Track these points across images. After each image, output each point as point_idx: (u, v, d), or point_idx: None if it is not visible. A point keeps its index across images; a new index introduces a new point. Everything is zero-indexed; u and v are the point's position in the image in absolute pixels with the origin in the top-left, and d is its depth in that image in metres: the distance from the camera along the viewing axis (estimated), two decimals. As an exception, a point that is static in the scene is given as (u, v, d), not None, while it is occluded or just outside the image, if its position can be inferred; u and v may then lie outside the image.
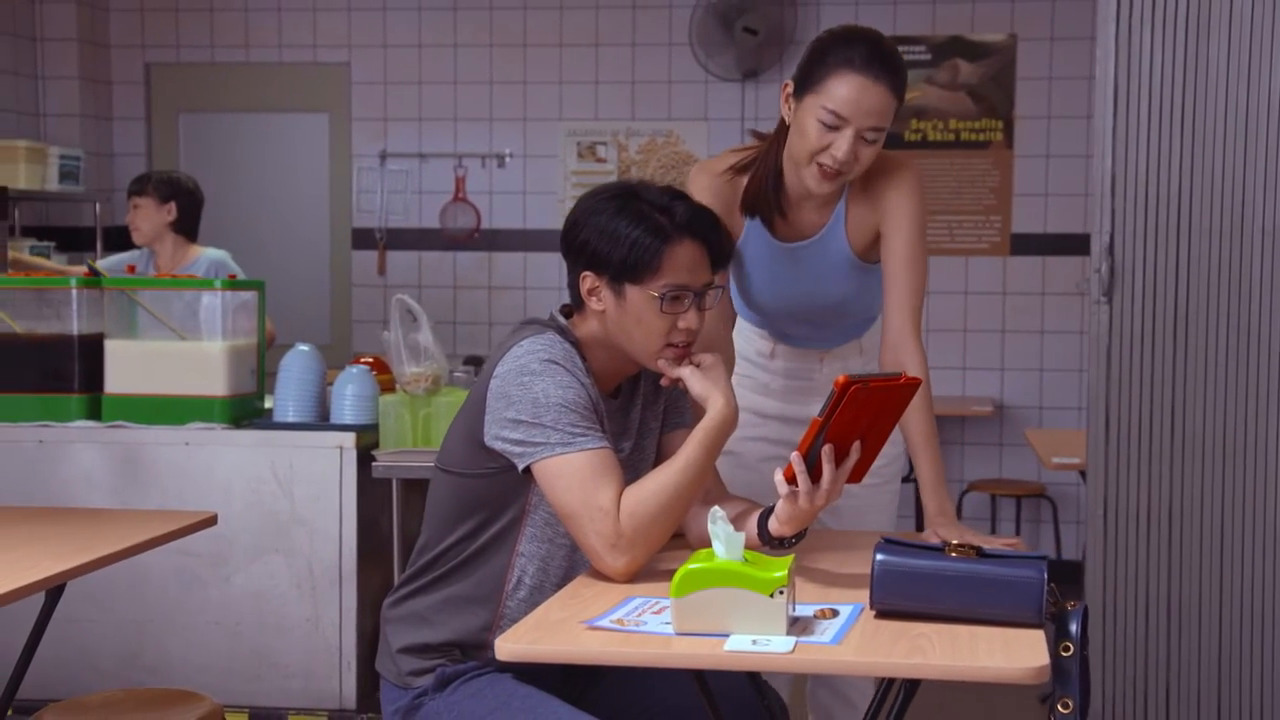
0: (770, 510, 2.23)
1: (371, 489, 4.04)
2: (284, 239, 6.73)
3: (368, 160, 6.65)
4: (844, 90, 2.50)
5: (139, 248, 5.11)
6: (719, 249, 2.36)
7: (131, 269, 4.62)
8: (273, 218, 6.74)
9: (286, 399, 4.10)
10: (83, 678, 4.07)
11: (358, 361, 4.22)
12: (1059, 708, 1.94)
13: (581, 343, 2.37)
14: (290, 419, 4.09)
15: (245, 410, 4.17)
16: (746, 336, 2.91)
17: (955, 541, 2.03)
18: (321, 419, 4.12)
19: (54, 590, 2.51)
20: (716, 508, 2.00)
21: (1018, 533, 6.30)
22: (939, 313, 6.35)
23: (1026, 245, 6.27)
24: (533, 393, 2.21)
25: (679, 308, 2.31)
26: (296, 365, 4.12)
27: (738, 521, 2.35)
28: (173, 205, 5.00)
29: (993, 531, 6.13)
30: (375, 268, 6.66)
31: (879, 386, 2.04)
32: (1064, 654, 1.96)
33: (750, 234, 2.74)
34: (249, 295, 4.25)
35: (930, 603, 1.98)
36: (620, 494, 2.18)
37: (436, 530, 2.39)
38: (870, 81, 2.49)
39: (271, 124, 6.76)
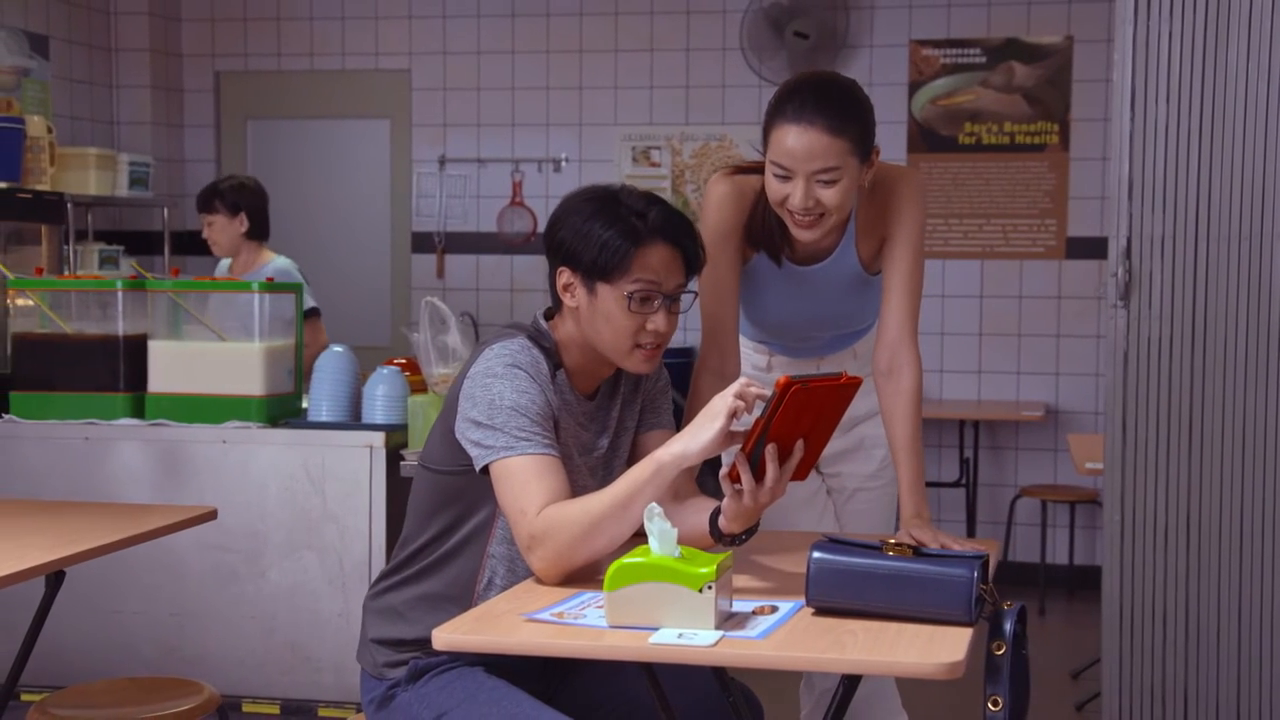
0: (720, 509, 2.26)
1: (401, 487, 4.13)
2: (346, 243, 6.87)
3: (427, 165, 6.77)
4: (782, 142, 2.53)
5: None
6: (693, 254, 2.40)
7: (175, 272, 4.76)
8: (335, 222, 6.89)
9: (320, 399, 4.21)
10: (126, 666, 4.20)
11: (390, 363, 4.31)
12: (989, 705, 1.96)
13: (560, 344, 2.42)
14: (324, 418, 4.20)
15: (282, 410, 4.28)
16: (744, 352, 2.93)
17: (893, 541, 2.05)
18: (355, 419, 4.21)
19: (53, 577, 2.61)
20: (654, 504, 2.04)
21: (1071, 539, 6.24)
22: (993, 317, 6.32)
23: (1082, 249, 6.21)
24: (491, 394, 2.28)
25: (648, 308, 2.35)
26: (330, 366, 4.23)
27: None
28: (243, 215, 5.13)
29: (1043, 538, 6.08)
30: (434, 271, 6.78)
31: (819, 386, 2.08)
32: (996, 653, 1.98)
33: (763, 255, 2.78)
34: (287, 298, 4.36)
35: (864, 600, 2.00)
36: (548, 499, 2.20)
37: (415, 525, 2.46)
38: (802, 128, 2.50)
39: (335, 130, 6.91)
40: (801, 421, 2.11)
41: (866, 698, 2.83)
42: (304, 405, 4.36)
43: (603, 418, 2.48)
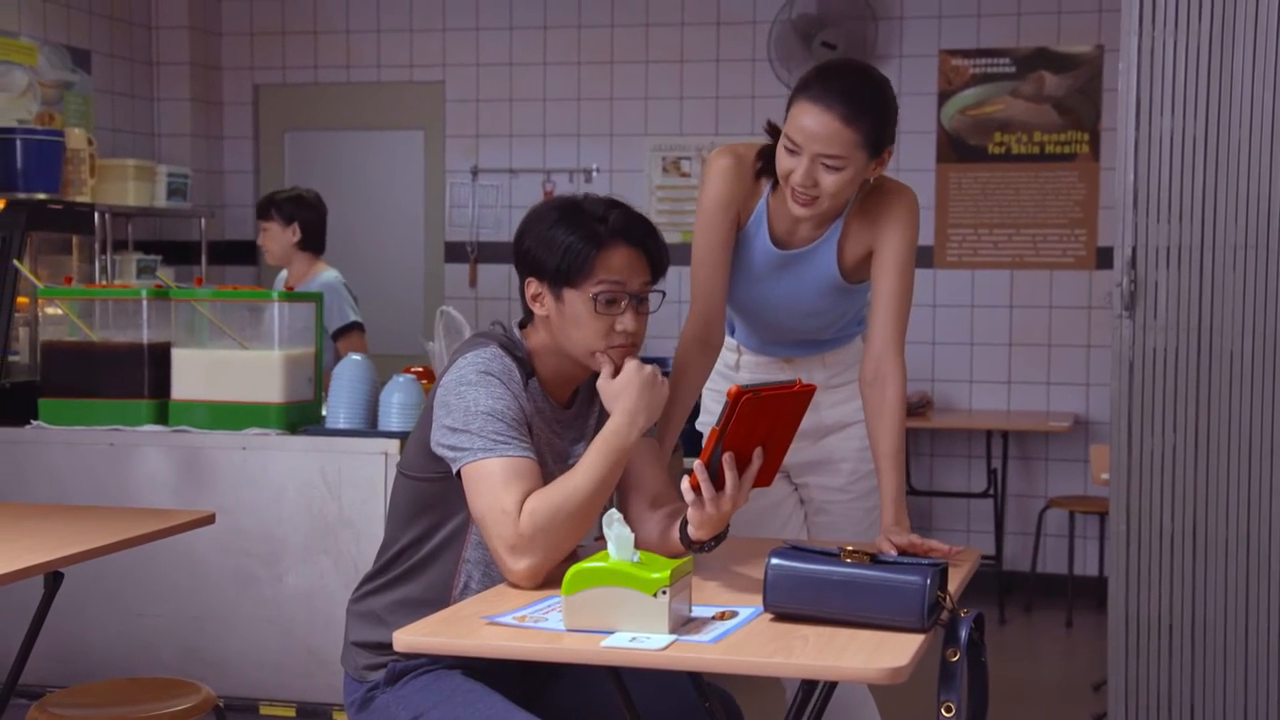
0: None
1: (415, 494, 4.17)
2: (380, 252, 6.96)
3: (460, 176, 6.85)
4: (799, 118, 2.57)
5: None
6: (656, 255, 2.45)
7: (199, 281, 4.86)
8: (370, 231, 6.98)
9: (338, 406, 4.27)
10: (148, 666, 4.28)
11: (407, 371, 4.37)
12: (942, 711, 1.98)
13: (533, 352, 2.47)
14: (341, 425, 4.26)
15: (302, 416, 4.34)
16: None
17: (851, 548, 2.07)
18: (371, 426, 4.27)
19: (51, 578, 2.68)
20: (613, 510, 2.08)
21: (1101, 551, 6.21)
22: (1023, 327, 6.30)
23: (1113, 259, 6.17)
24: (465, 401, 2.33)
25: (614, 310, 2.40)
26: (348, 374, 4.29)
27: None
28: (296, 226, 5.22)
29: (1070, 550, 6.05)
30: (467, 280, 6.85)
31: (770, 395, 2.11)
32: (950, 659, 2.00)
33: (754, 224, 2.81)
34: (307, 307, 4.43)
35: (820, 606, 2.03)
36: (527, 498, 2.26)
37: (394, 531, 2.51)
38: (820, 110, 2.54)
39: (370, 141, 7.00)
40: (757, 429, 2.14)
41: (844, 706, 2.84)
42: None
43: (580, 425, 2.52)
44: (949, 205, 6.33)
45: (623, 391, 2.36)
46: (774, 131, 2.80)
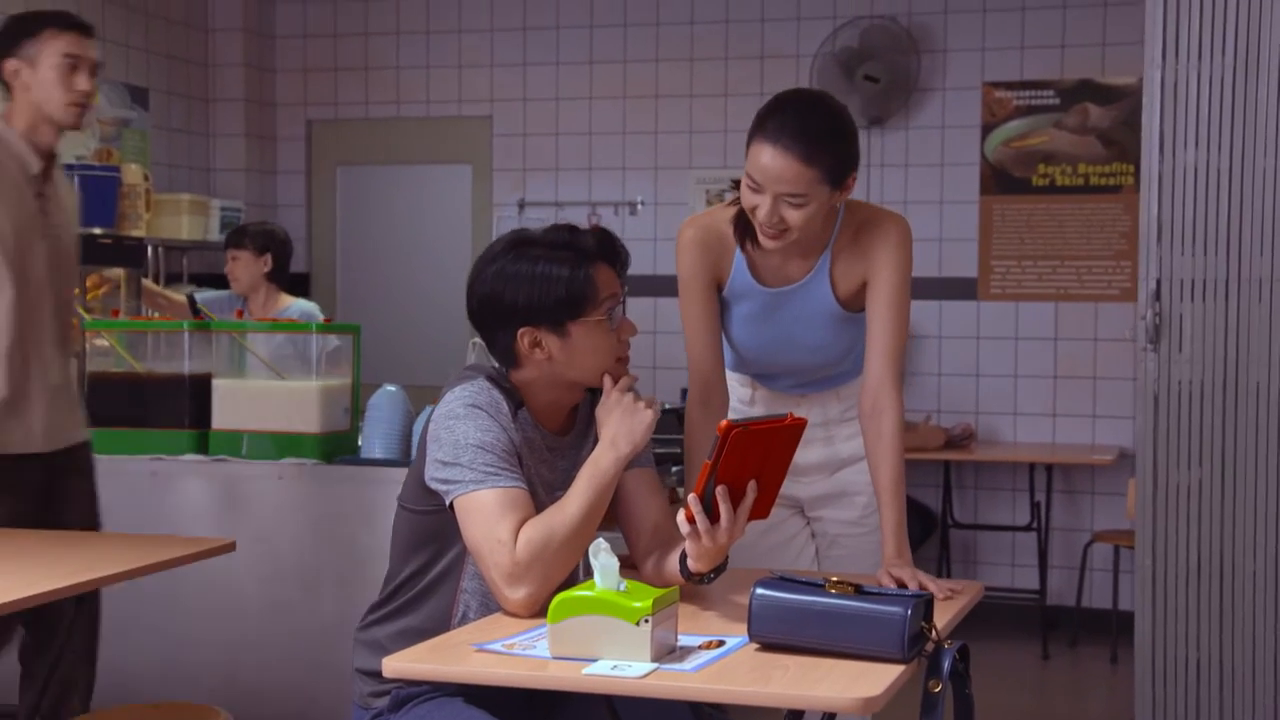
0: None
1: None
2: (428, 284, 7.05)
3: (507, 209, 6.93)
4: (758, 158, 2.60)
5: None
6: (622, 261, 2.51)
7: (240, 313, 4.95)
8: (419, 263, 7.08)
9: (373, 436, 4.33)
10: (188, 692, 4.34)
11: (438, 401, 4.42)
12: (923, 743, 1.99)
13: (521, 386, 2.50)
14: (377, 455, 4.32)
15: (339, 447, 4.41)
16: (730, 385, 3.00)
17: (835, 579, 2.09)
18: (406, 456, 4.33)
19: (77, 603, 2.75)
20: (600, 539, 2.11)
21: (1147, 585, 6.14)
22: (1068, 360, 6.27)
23: (1158, 291, 6.13)
24: (455, 435, 2.37)
25: (616, 320, 2.46)
26: (383, 405, 4.35)
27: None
28: (269, 256, 5.34)
29: (1115, 584, 6.00)
30: (514, 313, 6.91)
31: (760, 429, 2.13)
32: (933, 690, 2.01)
33: (737, 276, 2.84)
34: (345, 338, 4.51)
35: (803, 636, 2.04)
36: (521, 528, 2.29)
37: (395, 562, 2.57)
38: (778, 151, 2.57)
39: (419, 175, 7.11)
40: (748, 463, 2.16)
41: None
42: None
43: (573, 455, 2.54)
44: (993, 237, 6.32)
45: (606, 418, 2.41)
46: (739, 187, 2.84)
